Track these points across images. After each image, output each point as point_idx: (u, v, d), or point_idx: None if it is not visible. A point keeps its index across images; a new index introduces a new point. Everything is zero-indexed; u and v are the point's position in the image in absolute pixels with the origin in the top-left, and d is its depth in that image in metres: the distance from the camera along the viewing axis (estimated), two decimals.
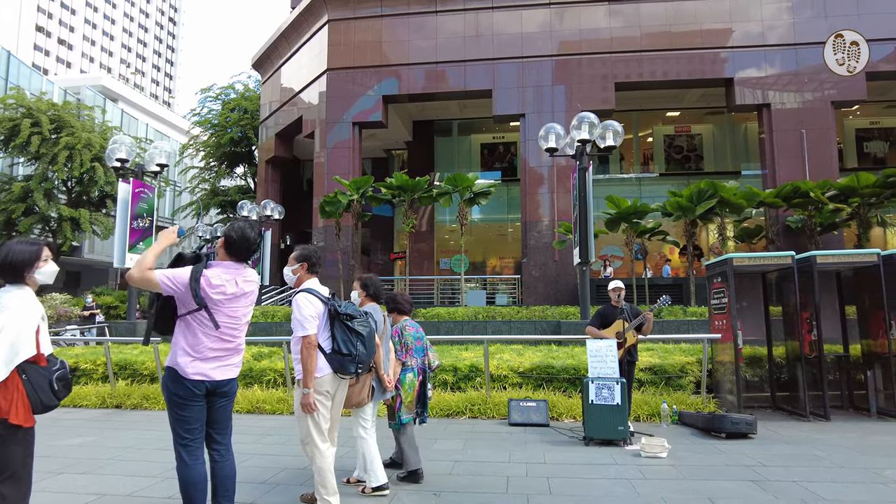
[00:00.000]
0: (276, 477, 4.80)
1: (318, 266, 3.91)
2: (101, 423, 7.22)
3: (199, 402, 3.25)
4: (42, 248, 2.96)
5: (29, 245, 2.93)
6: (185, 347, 3.22)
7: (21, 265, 2.85)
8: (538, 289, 16.86)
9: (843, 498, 4.11)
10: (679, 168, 22.15)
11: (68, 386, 2.93)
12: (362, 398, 4.37)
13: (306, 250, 3.89)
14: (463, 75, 18.14)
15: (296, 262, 3.88)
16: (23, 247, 2.90)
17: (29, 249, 2.90)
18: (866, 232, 14.01)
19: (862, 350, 7.93)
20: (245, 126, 27.99)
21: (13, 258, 2.85)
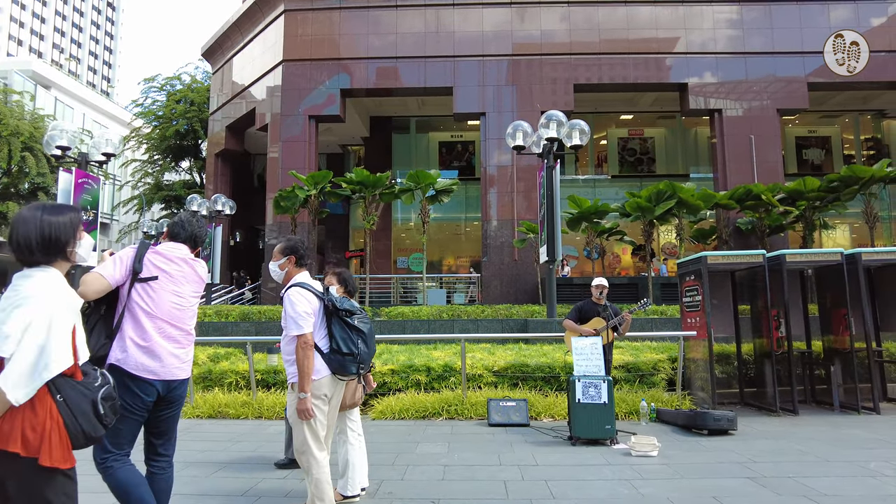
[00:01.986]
0: (257, 488, 4.44)
1: (306, 258, 3.61)
2: None
3: (143, 414, 2.88)
4: (80, 213, 2.30)
5: (63, 211, 2.17)
6: (130, 336, 2.83)
7: (66, 240, 2.12)
8: (497, 287, 16.83)
9: (840, 492, 4.14)
10: (632, 170, 22.65)
11: (115, 408, 2.23)
12: (356, 399, 4.12)
13: (292, 241, 3.58)
14: (423, 72, 17.92)
15: (282, 256, 3.56)
16: (57, 215, 2.14)
17: (69, 217, 2.16)
18: (811, 233, 14.66)
19: (824, 346, 8.20)
20: (192, 118, 26.83)
21: (54, 231, 2.08)
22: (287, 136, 17.97)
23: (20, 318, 1.94)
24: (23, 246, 2.06)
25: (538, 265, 16.41)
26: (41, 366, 1.95)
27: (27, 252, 2.06)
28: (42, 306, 2.01)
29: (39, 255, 2.07)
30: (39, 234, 2.07)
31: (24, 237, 2.06)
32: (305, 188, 15.50)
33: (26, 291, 2.00)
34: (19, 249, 2.06)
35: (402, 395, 7.61)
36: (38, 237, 2.07)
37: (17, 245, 2.06)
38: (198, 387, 8.12)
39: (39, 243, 2.07)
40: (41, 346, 1.96)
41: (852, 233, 21.79)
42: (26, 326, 1.93)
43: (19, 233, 2.07)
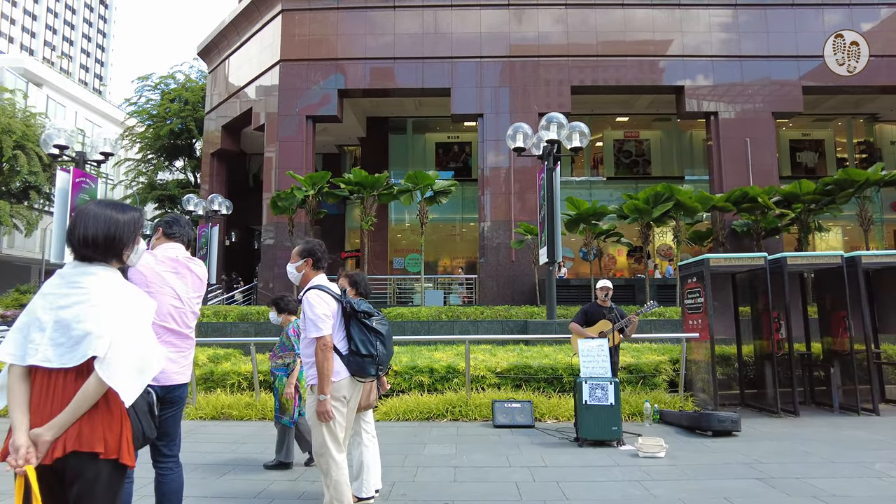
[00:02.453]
0: (270, 490, 4.43)
1: (323, 261, 3.60)
2: None
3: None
4: (143, 216, 2.28)
5: (128, 211, 2.14)
6: None
7: (127, 241, 2.09)
8: (494, 288, 16.86)
9: (849, 493, 4.19)
10: (628, 172, 22.76)
11: (153, 411, 2.34)
12: (371, 401, 4.13)
13: (310, 244, 3.58)
14: (421, 73, 17.92)
15: (299, 258, 3.56)
16: (123, 214, 2.11)
17: (133, 217, 2.13)
18: (806, 236, 14.79)
19: (823, 348, 8.29)
20: (186, 118, 26.67)
21: (119, 230, 2.05)
22: (284, 136, 17.91)
23: (108, 317, 1.93)
24: (88, 241, 2.02)
25: (535, 266, 16.46)
26: (142, 366, 1.97)
27: (90, 248, 2.02)
28: (130, 305, 2.02)
29: (99, 252, 2.04)
30: (105, 232, 2.03)
31: (91, 233, 2.02)
32: (303, 189, 15.47)
33: (102, 289, 1.98)
34: (82, 244, 2.02)
35: (405, 397, 7.61)
36: (104, 235, 2.03)
37: (81, 240, 2.02)
38: (200, 388, 8.08)
39: (103, 241, 2.03)
40: (140, 346, 1.98)
41: (844, 235, 22.02)
42: (120, 325, 1.94)
43: (86, 228, 2.03)
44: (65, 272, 2.01)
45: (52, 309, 1.92)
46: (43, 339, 1.88)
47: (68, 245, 2.08)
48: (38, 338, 1.89)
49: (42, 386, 1.89)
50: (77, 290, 1.95)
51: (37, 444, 1.80)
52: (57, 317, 1.91)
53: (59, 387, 1.88)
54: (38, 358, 1.87)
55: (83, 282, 1.97)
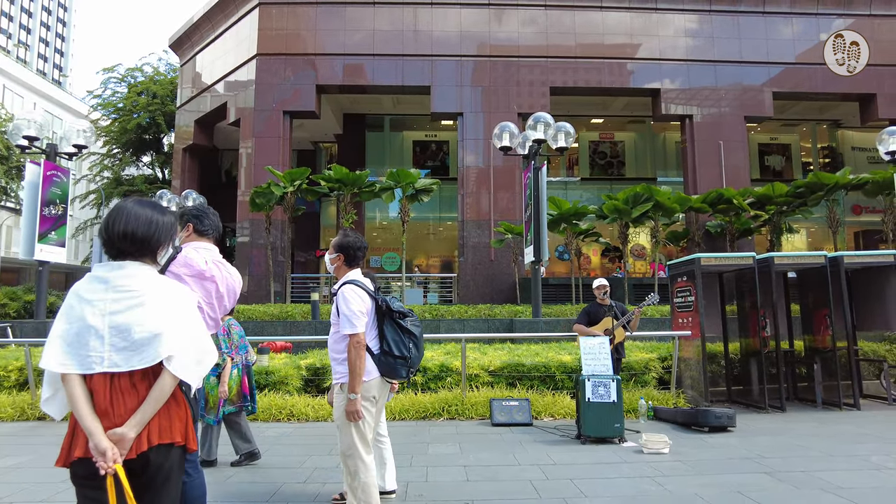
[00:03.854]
0: (282, 492, 4.31)
1: (357, 259, 3.50)
2: (30, 439, 6.24)
3: None
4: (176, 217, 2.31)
5: (166, 212, 2.16)
6: None
7: (164, 241, 2.11)
8: (474, 287, 16.88)
9: (855, 485, 4.31)
10: (602, 173, 23.07)
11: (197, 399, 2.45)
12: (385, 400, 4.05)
13: (346, 239, 3.48)
14: (401, 70, 17.81)
15: (334, 251, 3.47)
16: (162, 215, 2.12)
17: (170, 220, 2.16)
18: (778, 237, 15.24)
19: (805, 346, 8.54)
20: (154, 112, 25.93)
21: (160, 231, 2.07)
22: (260, 132, 17.57)
23: (167, 316, 1.99)
24: (128, 238, 2.01)
25: (515, 265, 16.56)
26: (201, 357, 2.06)
27: (128, 244, 2.01)
28: (180, 300, 2.08)
29: (137, 250, 2.03)
30: (145, 230, 2.03)
31: (131, 230, 2.01)
32: (282, 185, 15.20)
33: (151, 289, 2.00)
34: (121, 239, 2.01)
35: (400, 396, 7.53)
36: (143, 233, 2.03)
37: (120, 235, 2.00)
38: None
39: (142, 239, 2.03)
40: (198, 338, 2.06)
41: (808, 237, 22.78)
42: (178, 321, 2.00)
43: (126, 224, 2.01)
44: (103, 275, 1.99)
45: (104, 315, 1.92)
46: (104, 346, 1.89)
47: (104, 240, 2.05)
48: (97, 345, 1.89)
49: (105, 389, 1.90)
50: (127, 293, 1.96)
51: (121, 443, 1.86)
52: (113, 322, 1.91)
53: (127, 387, 1.93)
54: (105, 365, 1.89)
55: (130, 284, 1.97)
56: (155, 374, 1.95)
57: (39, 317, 11.14)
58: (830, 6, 18.34)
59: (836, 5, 18.37)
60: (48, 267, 11.32)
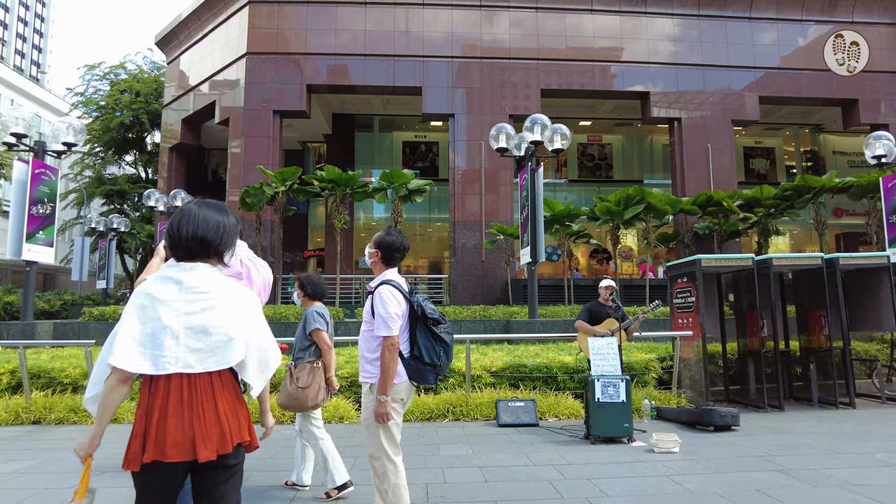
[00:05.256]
0: (301, 496, 4.26)
1: (394, 261, 3.44)
2: (30, 444, 6.08)
3: None
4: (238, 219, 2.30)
5: (230, 214, 2.18)
6: None
7: (231, 244, 2.13)
8: (465, 288, 16.88)
9: (868, 482, 4.39)
10: (590, 175, 23.25)
11: None
12: (318, 401, 4.26)
13: (388, 237, 3.41)
14: (392, 71, 17.77)
15: (373, 246, 3.44)
16: (228, 217, 2.14)
17: (234, 221, 2.18)
18: (766, 239, 15.49)
19: (801, 345, 8.68)
20: (138, 110, 25.53)
21: (227, 233, 2.09)
22: (250, 131, 17.39)
23: (240, 320, 2.03)
24: (196, 240, 2.02)
25: (507, 266, 16.61)
26: (267, 360, 2.10)
27: (197, 246, 2.02)
28: (250, 304, 2.11)
29: (206, 252, 2.05)
30: (214, 233, 2.06)
31: (201, 233, 2.04)
32: (273, 184, 15.06)
33: (224, 291, 2.02)
34: (192, 241, 2.02)
35: None
36: (213, 235, 2.05)
37: (190, 238, 2.02)
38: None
39: (212, 241, 2.04)
40: (265, 343, 2.10)
41: (791, 239, 23.21)
42: (249, 325, 2.04)
43: (196, 227, 2.03)
44: (177, 276, 1.99)
45: (179, 315, 1.93)
46: (178, 347, 1.90)
47: (172, 242, 2.05)
48: (172, 345, 1.90)
49: (180, 390, 1.90)
50: (201, 294, 1.98)
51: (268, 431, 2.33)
52: (188, 323, 1.92)
53: (200, 388, 1.93)
54: (179, 365, 1.89)
55: (202, 286, 1.99)
56: (221, 377, 1.97)
57: (27, 318, 10.85)
58: (815, 13, 18.71)
59: (819, 12, 18.75)
60: (35, 267, 11.06)
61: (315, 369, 4.30)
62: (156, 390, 1.89)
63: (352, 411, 7.23)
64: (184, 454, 1.85)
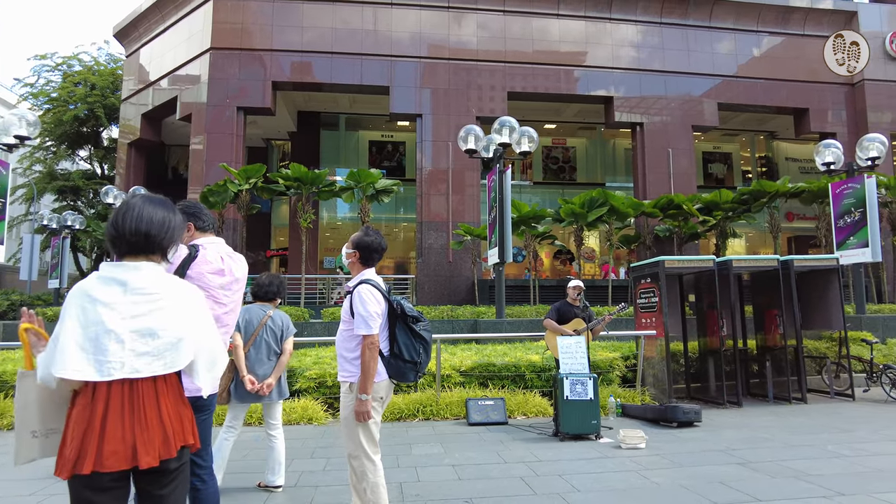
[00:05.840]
0: (274, 497, 4.22)
1: (372, 261, 3.46)
2: None
3: None
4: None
5: (175, 210, 2.10)
6: None
7: (177, 240, 2.06)
8: (432, 288, 16.92)
9: (822, 472, 4.61)
10: (555, 178, 23.60)
11: None
12: (220, 400, 4.23)
13: (367, 238, 3.43)
14: (359, 69, 17.66)
15: (351, 247, 3.44)
16: (173, 213, 2.06)
17: (181, 218, 2.11)
18: (724, 242, 16.02)
19: (757, 344, 9.03)
20: (93, 104, 24.64)
21: (176, 232, 2.03)
22: (213, 128, 17.03)
23: (188, 319, 1.96)
24: (140, 236, 1.95)
25: (474, 267, 16.72)
26: (214, 361, 2.05)
27: (142, 242, 1.95)
28: (197, 303, 2.03)
29: (150, 248, 1.97)
30: (158, 229, 1.98)
31: (144, 228, 1.95)
32: (237, 182, 14.79)
33: (170, 290, 1.95)
34: (135, 236, 1.94)
35: None
36: (156, 231, 1.97)
37: (133, 233, 1.94)
38: None
39: (156, 237, 1.97)
40: (213, 343, 2.04)
41: (746, 242, 24.04)
42: (197, 325, 1.98)
43: (139, 222, 1.95)
44: (120, 277, 1.89)
45: (124, 318, 1.84)
46: (124, 351, 1.81)
47: (115, 236, 1.96)
48: (117, 350, 1.80)
49: (121, 395, 1.82)
50: (148, 295, 1.89)
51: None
52: (134, 326, 1.84)
53: (144, 393, 1.85)
54: (125, 371, 1.80)
55: (149, 287, 1.90)
56: (166, 379, 1.90)
57: None
58: (769, 25, 19.43)
59: (774, 24, 19.48)
60: None
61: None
62: (97, 395, 1.79)
63: (321, 412, 7.19)
64: (123, 462, 1.76)
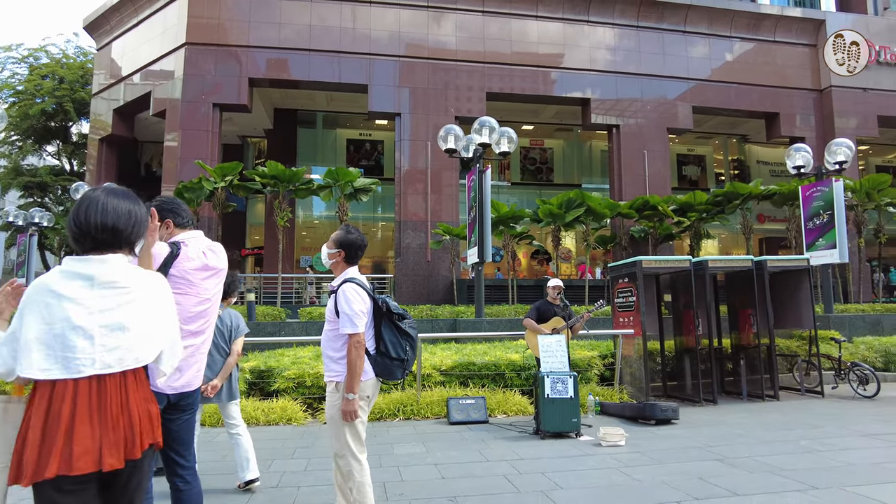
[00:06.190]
0: (256, 498, 4.16)
1: (356, 258, 3.44)
2: None
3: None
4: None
5: (139, 202, 2.03)
6: None
7: (143, 234, 2.02)
8: (410, 288, 16.88)
9: (795, 467, 4.72)
10: (532, 178, 23.76)
11: None
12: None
13: (350, 236, 3.41)
14: (338, 67, 17.55)
15: (334, 246, 3.40)
16: (138, 205, 2.01)
17: (145, 210, 2.06)
18: (698, 242, 16.32)
19: (732, 343, 9.21)
20: (62, 97, 24.04)
21: (141, 225, 1.99)
22: (188, 124, 16.74)
23: (157, 312, 1.97)
24: (107, 231, 1.89)
25: (453, 266, 16.74)
26: (175, 352, 2.04)
27: (108, 236, 1.90)
28: (164, 296, 2.04)
29: (118, 241, 1.93)
30: (125, 221, 1.93)
31: (111, 222, 1.90)
32: (213, 180, 14.55)
33: (139, 284, 1.93)
34: (101, 232, 1.88)
35: None
36: (123, 224, 1.92)
37: (99, 228, 1.88)
38: None
39: (122, 230, 1.92)
40: (177, 335, 2.06)
41: (719, 243, 24.53)
42: (164, 316, 2.00)
43: (105, 215, 1.89)
44: (86, 271, 1.82)
45: (93, 313, 1.78)
46: (94, 347, 1.77)
47: (79, 233, 1.89)
48: (86, 346, 1.75)
49: (92, 393, 1.76)
50: (117, 290, 1.85)
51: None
52: (104, 321, 1.80)
53: (115, 389, 1.81)
54: (96, 367, 1.75)
55: (118, 280, 1.86)
56: (136, 375, 1.87)
57: None
58: (741, 31, 19.85)
59: (745, 30, 19.90)
60: None
61: None
62: (62, 393, 1.71)
63: (300, 412, 7.12)
64: (93, 464, 1.70)
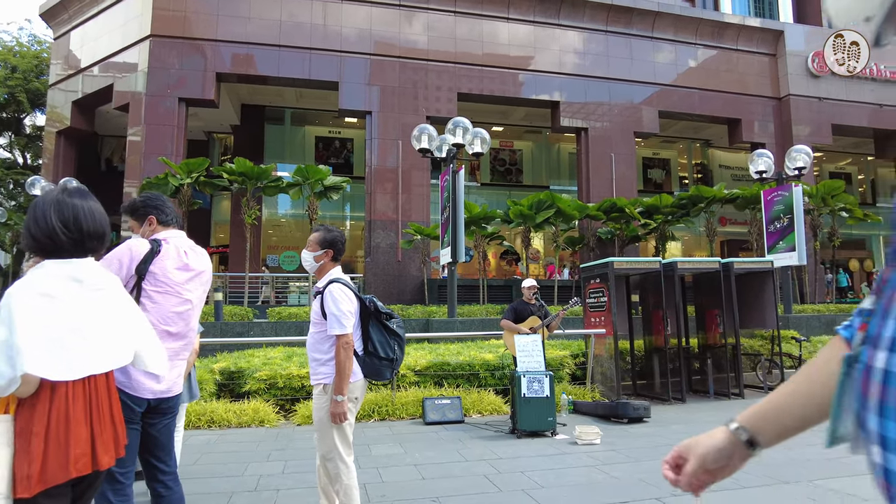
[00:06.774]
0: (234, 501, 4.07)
1: (341, 254, 3.42)
2: None
3: (136, 427, 2.52)
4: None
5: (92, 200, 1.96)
6: None
7: (106, 232, 1.96)
8: (381, 288, 16.76)
9: (766, 462, 4.86)
10: (502, 179, 23.91)
11: None
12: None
13: (332, 234, 3.37)
14: (308, 63, 17.31)
15: (319, 248, 3.34)
16: (96, 205, 1.95)
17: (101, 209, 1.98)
18: (664, 244, 16.68)
19: (699, 342, 9.44)
20: (14, 87, 23.11)
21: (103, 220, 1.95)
22: (152, 119, 16.26)
23: (133, 311, 2.05)
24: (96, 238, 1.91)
25: (424, 266, 16.70)
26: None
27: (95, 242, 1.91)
28: (125, 292, 2.10)
29: (100, 246, 1.95)
30: (103, 226, 1.93)
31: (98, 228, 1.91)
32: (178, 176, 14.19)
33: (115, 286, 1.98)
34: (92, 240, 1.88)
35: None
36: (103, 229, 1.92)
37: (91, 235, 1.87)
38: None
39: (103, 235, 1.92)
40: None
41: (683, 245, 25.11)
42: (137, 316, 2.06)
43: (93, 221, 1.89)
44: (74, 273, 1.82)
45: (86, 314, 1.81)
46: (88, 347, 1.79)
47: (72, 240, 1.83)
48: (83, 346, 1.76)
49: (85, 393, 1.78)
50: (101, 292, 1.89)
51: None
52: (95, 321, 1.83)
53: (104, 387, 1.86)
54: (90, 367, 1.77)
55: (100, 283, 1.90)
56: (113, 377, 1.94)
57: None
58: (706, 38, 20.37)
59: (709, 38, 20.43)
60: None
61: None
62: (63, 395, 1.69)
63: (272, 414, 7.00)
64: (90, 465, 1.71)
